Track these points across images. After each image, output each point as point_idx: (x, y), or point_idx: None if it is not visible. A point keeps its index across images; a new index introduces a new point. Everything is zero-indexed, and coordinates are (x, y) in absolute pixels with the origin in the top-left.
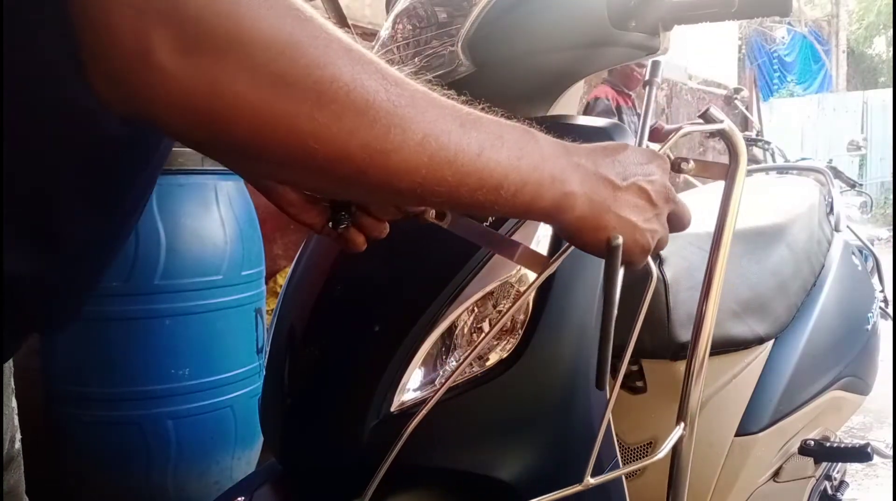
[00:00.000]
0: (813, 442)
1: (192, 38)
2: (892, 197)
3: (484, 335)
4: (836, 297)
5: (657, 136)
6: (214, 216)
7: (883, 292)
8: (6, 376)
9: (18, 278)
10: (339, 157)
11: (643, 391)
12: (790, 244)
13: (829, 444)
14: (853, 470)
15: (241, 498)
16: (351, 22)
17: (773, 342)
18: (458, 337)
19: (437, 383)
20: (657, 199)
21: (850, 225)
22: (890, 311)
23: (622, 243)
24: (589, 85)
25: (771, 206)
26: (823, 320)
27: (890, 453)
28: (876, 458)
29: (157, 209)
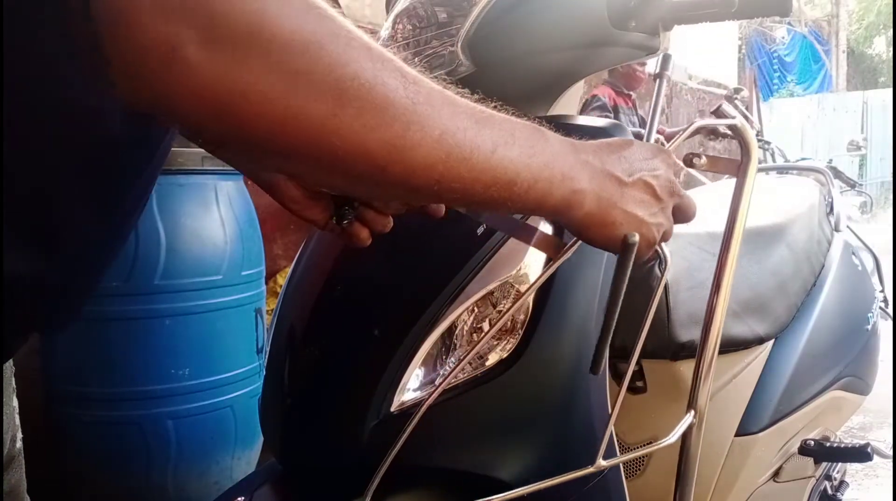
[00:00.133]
0: (813, 442)
1: (217, 35)
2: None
3: (483, 335)
4: (836, 297)
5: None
6: (214, 216)
7: (883, 292)
8: (7, 375)
9: (18, 278)
10: (359, 154)
11: (643, 391)
12: (790, 244)
13: (829, 444)
14: (853, 470)
15: (241, 498)
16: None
17: (773, 342)
18: (458, 337)
19: (437, 383)
20: (662, 193)
21: (849, 225)
22: (890, 311)
23: (637, 240)
24: (589, 85)
25: (771, 206)
26: (823, 320)
27: (890, 453)
28: (876, 458)
29: (157, 209)
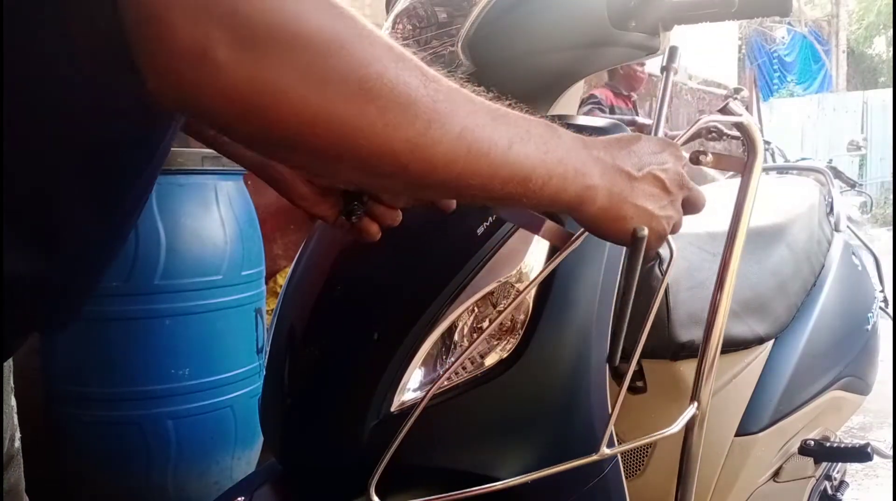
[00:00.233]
0: (813, 442)
1: (246, 36)
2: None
3: (485, 330)
4: (836, 297)
5: None
6: (214, 216)
7: (883, 292)
8: (6, 374)
9: (18, 278)
10: (383, 151)
11: (643, 391)
12: (790, 244)
13: (829, 444)
14: (853, 470)
15: (241, 498)
16: None
17: (773, 342)
18: (458, 337)
19: (436, 380)
20: (671, 186)
21: (850, 225)
22: (890, 311)
23: (646, 233)
24: (589, 85)
25: (771, 206)
26: (823, 320)
27: (890, 453)
28: (876, 458)
29: (157, 209)
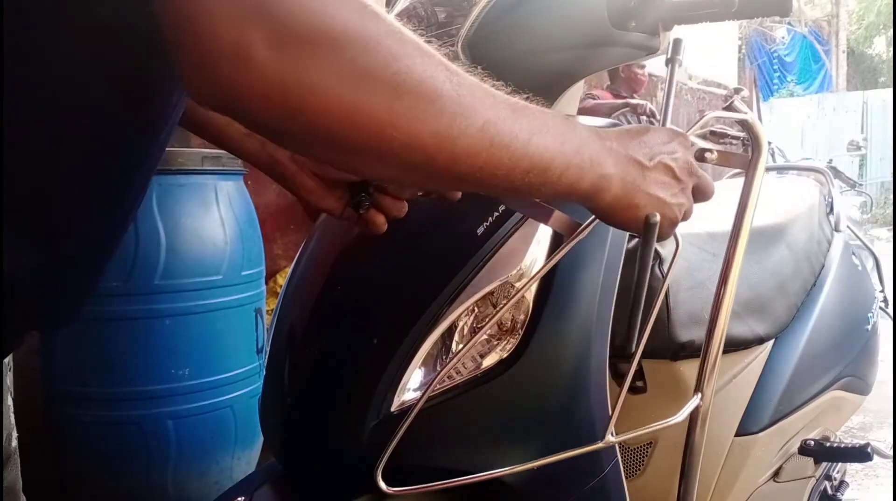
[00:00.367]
0: (813, 442)
1: (284, 35)
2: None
3: (487, 321)
4: (836, 297)
5: None
6: (214, 216)
7: (883, 292)
8: (5, 372)
9: (18, 277)
10: (412, 144)
11: (643, 391)
12: (790, 244)
13: (829, 444)
14: (853, 470)
15: (241, 498)
16: None
17: (773, 342)
18: (458, 337)
19: (436, 382)
20: (681, 174)
21: (849, 225)
22: (890, 311)
23: (658, 220)
24: (589, 85)
25: (771, 206)
26: (823, 320)
27: (890, 453)
28: (876, 458)
29: (157, 209)
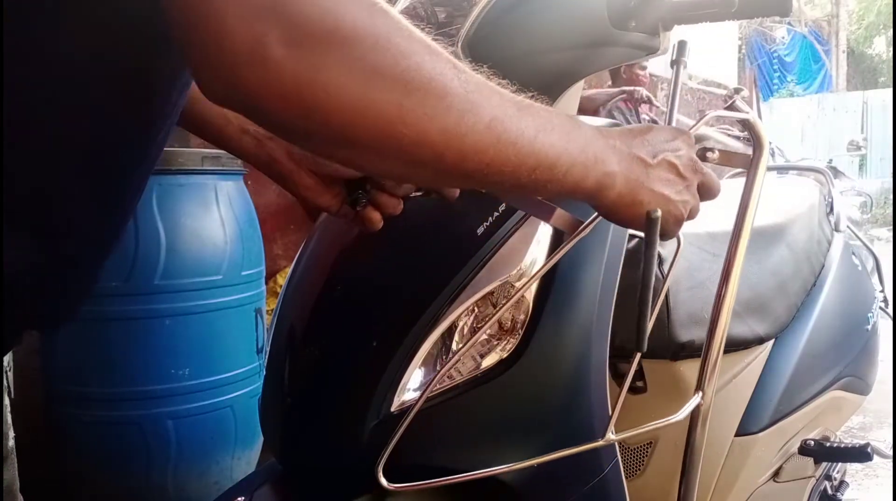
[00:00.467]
0: (813, 442)
1: (298, 34)
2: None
3: (487, 321)
4: (836, 297)
5: None
6: (214, 216)
7: (883, 292)
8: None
9: (18, 276)
10: (421, 141)
11: (643, 391)
12: (790, 244)
13: (829, 444)
14: (853, 470)
15: (241, 498)
16: None
17: (773, 342)
18: (458, 337)
19: (436, 383)
20: (686, 171)
21: (849, 225)
22: (890, 311)
23: (660, 215)
24: (588, 85)
25: (771, 206)
26: (823, 320)
27: (890, 453)
28: (876, 458)
29: (157, 209)
